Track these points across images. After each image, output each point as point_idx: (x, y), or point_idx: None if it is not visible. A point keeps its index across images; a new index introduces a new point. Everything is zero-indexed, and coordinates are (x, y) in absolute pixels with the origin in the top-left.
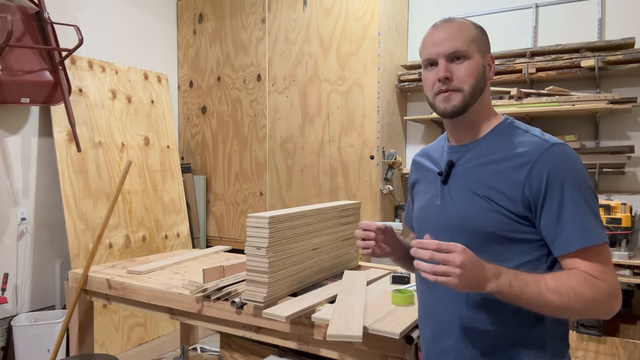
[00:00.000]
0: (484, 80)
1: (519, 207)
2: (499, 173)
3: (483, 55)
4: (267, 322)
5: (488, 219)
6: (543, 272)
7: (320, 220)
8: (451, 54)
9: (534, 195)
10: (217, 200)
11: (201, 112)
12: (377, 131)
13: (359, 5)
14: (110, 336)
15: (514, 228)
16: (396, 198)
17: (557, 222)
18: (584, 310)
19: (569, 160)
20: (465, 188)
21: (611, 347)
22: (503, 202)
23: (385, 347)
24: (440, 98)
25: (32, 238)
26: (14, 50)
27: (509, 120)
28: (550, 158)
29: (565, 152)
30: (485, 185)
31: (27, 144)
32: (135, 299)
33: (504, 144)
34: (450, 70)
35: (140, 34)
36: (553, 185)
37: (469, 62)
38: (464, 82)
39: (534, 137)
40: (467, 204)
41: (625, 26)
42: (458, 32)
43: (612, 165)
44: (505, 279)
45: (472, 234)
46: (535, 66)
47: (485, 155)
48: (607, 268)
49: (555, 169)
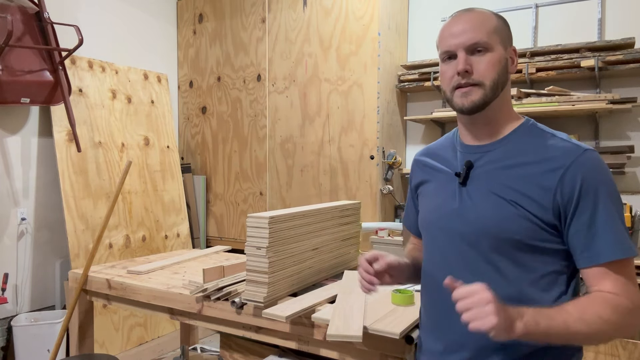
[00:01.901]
0: (506, 74)
1: (548, 214)
2: (527, 177)
3: (505, 48)
4: (267, 322)
5: (515, 225)
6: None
7: (320, 220)
8: (471, 46)
9: (565, 202)
10: (217, 200)
11: (201, 112)
12: (377, 131)
13: (359, 5)
14: (110, 336)
15: (542, 236)
16: (396, 198)
17: (588, 231)
18: (613, 334)
19: (602, 168)
20: (488, 191)
21: (611, 347)
22: (532, 208)
23: (385, 347)
24: (459, 93)
25: (32, 238)
26: (14, 50)
27: (531, 122)
28: (584, 164)
29: (598, 159)
30: (512, 189)
31: (27, 144)
32: (135, 299)
33: (531, 146)
34: (470, 63)
35: (140, 34)
36: (586, 193)
37: (490, 54)
38: (485, 76)
39: (563, 141)
40: (491, 207)
41: (625, 26)
42: (479, 23)
43: (612, 165)
44: (530, 317)
45: (495, 239)
46: (535, 66)
47: (510, 157)
48: (631, 283)
49: (589, 176)
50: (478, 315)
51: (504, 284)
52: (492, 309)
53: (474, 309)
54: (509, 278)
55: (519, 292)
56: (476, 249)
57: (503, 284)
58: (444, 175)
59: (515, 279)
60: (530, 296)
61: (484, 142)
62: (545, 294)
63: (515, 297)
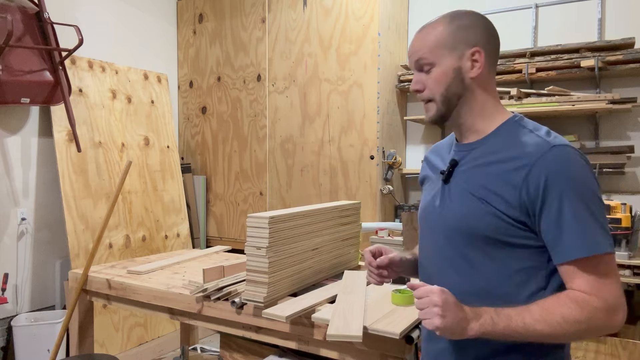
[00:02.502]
0: (460, 83)
1: (515, 211)
2: (497, 175)
3: (459, 55)
4: (267, 322)
5: (483, 222)
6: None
7: (320, 220)
8: (417, 65)
9: (532, 200)
10: (217, 200)
11: (201, 112)
12: (377, 131)
13: (359, 5)
14: (110, 336)
15: (511, 232)
16: (396, 198)
17: (556, 229)
18: (581, 333)
19: (569, 164)
20: (464, 189)
21: (611, 347)
22: (500, 206)
23: (385, 347)
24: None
25: (32, 238)
26: (14, 51)
27: (517, 118)
28: (549, 161)
29: (566, 154)
30: (483, 187)
31: (27, 144)
32: (135, 299)
33: (505, 143)
34: (422, 81)
35: (140, 34)
36: (551, 191)
37: (435, 69)
38: (433, 91)
39: (537, 137)
40: (464, 205)
41: (625, 26)
42: (422, 40)
43: (612, 165)
44: (487, 318)
45: (469, 236)
46: (535, 66)
47: (485, 155)
48: (606, 280)
49: (554, 174)
50: (426, 315)
51: (479, 279)
52: (438, 312)
53: (424, 309)
54: (483, 273)
55: (493, 287)
56: (453, 245)
57: (478, 278)
58: (436, 174)
59: (489, 274)
60: (504, 290)
61: (469, 140)
62: (520, 289)
63: (490, 291)
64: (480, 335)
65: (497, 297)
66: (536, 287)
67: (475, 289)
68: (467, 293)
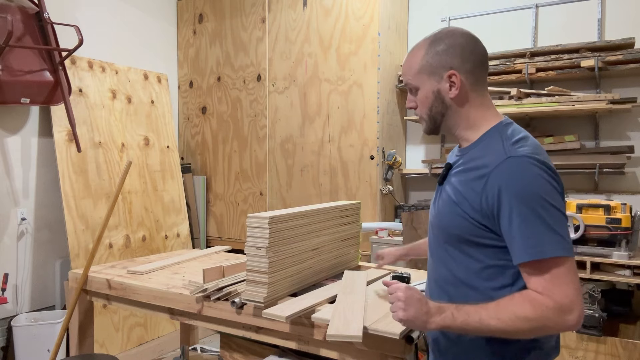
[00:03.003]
0: (440, 103)
1: (478, 215)
2: (467, 181)
3: (437, 79)
4: (267, 322)
5: (455, 222)
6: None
7: (320, 221)
8: (407, 87)
9: (491, 206)
10: (217, 200)
11: (201, 112)
12: (377, 131)
13: (359, 5)
14: (110, 336)
15: (477, 233)
16: (396, 198)
17: (508, 235)
18: (534, 330)
19: (520, 173)
20: (448, 191)
21: (611, 347)
22: (467, 209)
23: (385, 347)
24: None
25: (32, 238)
26: (14, 51)
27: (504, 124)
28: (502, 172)
29: (518, 164)
30: (458, 191)
31: (27, 144)
32: (135, 299)
33: (480, 152)
34: (413, 100)
35: (140, 34)
36: (503, 200)
37: (420, 92)
38: (420, 111)
39: (502, 147)
40: (445, 206)
41: (625, 26)
42: (407, 66)
43: (612, 165)
44: (448, 314)
45: (446, 233)
46: (535, 66)
47: (467, 162)
48: (557, 282)
49: (505, 183)
50: (392, 309)
51: (456, 271)
52: (401, 306)
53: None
54: (459, 265)
55: (466, 278)
56: (438, 241)
57: (455, 270)
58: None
59: (463, 267)
60: (474, 283)
61: (463, 146)
62: (487, 283)
63: (464, 282)
64: (440, 328)
65: (469, 288)
66: (502, 284)
67: (454, 279)
68: (449, 282)
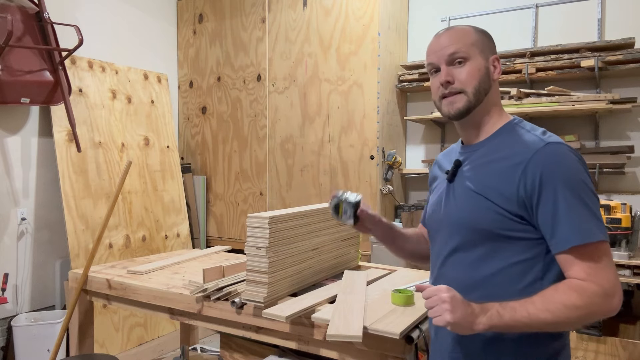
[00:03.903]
0: (488, 81)
1: (513, 205)
2: (497, 172)
3: (486, 57)
4: (267, 322)
5: (483, 216)
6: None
7: (320, 220)
8: (451, 57)
9: (529, 194)
10: (217, 200)
11: (201, 112)
12: (377, 131)
13: (359, 5)
14: (110, 336)
15: (509, 226)
16: (396, 198)
17: (552, 221)
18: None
19: (562, 159)
20: (467, 187)
21: (611, 347)
22: (498, 201)
23: (385, 347)
24: (446, 102)
25: (32, 238)
26: (14, 50)
27: (515, 121)
28: (543, 157)
29: (559, 150)
30: (484, 184)
31: (27, 144)
32: (135, 299)
33: (505, 143)
34: (452, 74)
35: (140, 34)
36: (546, 185)
37: (469, 63)
38: (466, 84)
39: (533, 136)
40: (466, 202)
41: (625, 26)
42: (457, 37)
43: (612, 165)
44: (494, 312)
45: (469, 230)
46: (535, 66)
47: (487, 155)
48: (600, 266)
49: (548, 168)
50: (436, 312)
51: (480, 270)
52: (447, 307)
53: (434, 307)
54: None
55: (493, 277)
56: (456, 240)
57: (479, 270)
58: (443, 175)
59: (488, 266)
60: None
61: (474, 141)
62: (517, 279)
63: (489, 281)
64: (488, 328)
65: (496, 287)
66: (533, 278)
67: (475, 281)
68: (469, 285)
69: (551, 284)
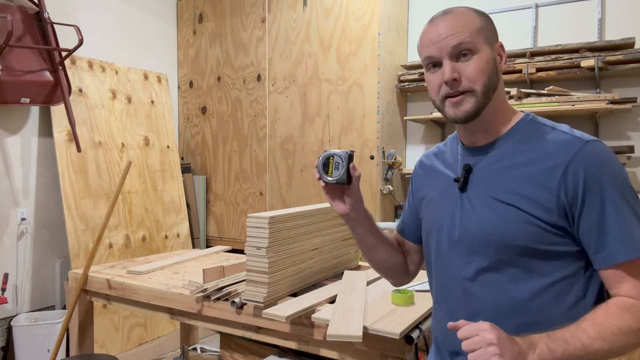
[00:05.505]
0: (496, 74)
1: (554, 216)
2: (527, 177)
3: (492, 46)
4: (267, 322)
5: (519, 230)
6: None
7: (320, 220)
8: (455, 50)
9: (570, 201)
10: (217, 200)
11: (201, 112)
12: (377, 131)
13: (359, 5)
14: (110, 336)
15: (549, 240)
16: (396, 198)
17: (599, 231)
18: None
19: (607, 159)
20: (488, 196)
21: None
22: (535, 211)
23: (385, 347)
24: (449, 103)
25: (32, 238)
26: (14, 50)
27: (530, 117)
28: (586, 158)
29: (602, 149)
30: (512, 192)
31: (27, 144)
32: (135, 299)
33: (529, 143)
34: (457, 70)
35: (140, 34)
36: (591, 189)
37: (477, 56)
38: (474, 81)
39: (563, 134)
40: (492, 213)
41: (625, 26)
42: (460, 24)
43: None
44: (543, 347)
45: (499, 247)
46: (535, 66)
47: (508, 157)
48: None
49: (593, 170)
50: (481, 356)
51: (514, 294)
52: (495, 351)
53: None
54: (518, 286)
55: (530, 301)
56: (481, 259)
57: (513, 293)
58: (445, 181)
59: (525, 287)
60: (542, 304)
61: (482, 142)
62: (559, 301)
63: (526, 306)
64: None
65: (534, 312)
66: (575, 298)
67: (509, 306)
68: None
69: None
